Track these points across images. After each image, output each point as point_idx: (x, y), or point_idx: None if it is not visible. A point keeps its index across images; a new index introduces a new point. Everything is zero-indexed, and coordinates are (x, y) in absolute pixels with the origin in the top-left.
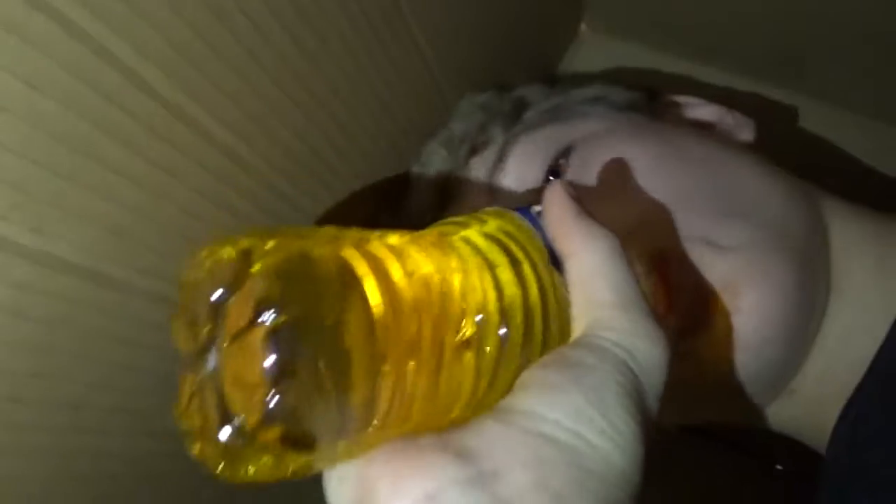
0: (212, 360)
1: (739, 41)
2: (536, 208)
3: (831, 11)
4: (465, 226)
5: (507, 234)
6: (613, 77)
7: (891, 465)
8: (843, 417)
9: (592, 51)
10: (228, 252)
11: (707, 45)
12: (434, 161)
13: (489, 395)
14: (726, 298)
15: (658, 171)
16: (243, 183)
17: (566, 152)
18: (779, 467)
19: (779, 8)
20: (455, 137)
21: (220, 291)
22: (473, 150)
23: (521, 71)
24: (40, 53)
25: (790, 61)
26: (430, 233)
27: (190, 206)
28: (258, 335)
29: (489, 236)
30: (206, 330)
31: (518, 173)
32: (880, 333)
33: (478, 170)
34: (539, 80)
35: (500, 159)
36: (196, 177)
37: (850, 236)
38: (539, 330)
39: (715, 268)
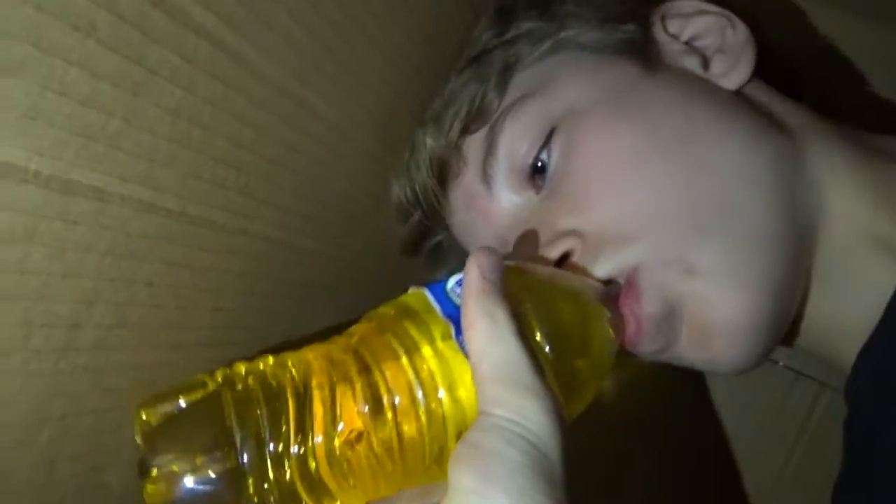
0: None
1: None
2: (456, 277)
3: None
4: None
5: (411, 315)
6: None
7: None
8: (864, 353)
9: None
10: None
11: None
12: (426, 142)
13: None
14: (697, 319)
15: (637, 167)
16: (235, 77)
17: (550, 136)
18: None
19: None
20: (446, 119)
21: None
22: (465, 130)
23: None
24: None
25: None
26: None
27: (172, 103)
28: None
29: (389, 329)
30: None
31: (509, 163)
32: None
33: (471, 152)
34: (536, 6)
35: (490, 150)
36: (178, 70)
37: (842, 223)
38: (433, 408)
39: (687, 290)
